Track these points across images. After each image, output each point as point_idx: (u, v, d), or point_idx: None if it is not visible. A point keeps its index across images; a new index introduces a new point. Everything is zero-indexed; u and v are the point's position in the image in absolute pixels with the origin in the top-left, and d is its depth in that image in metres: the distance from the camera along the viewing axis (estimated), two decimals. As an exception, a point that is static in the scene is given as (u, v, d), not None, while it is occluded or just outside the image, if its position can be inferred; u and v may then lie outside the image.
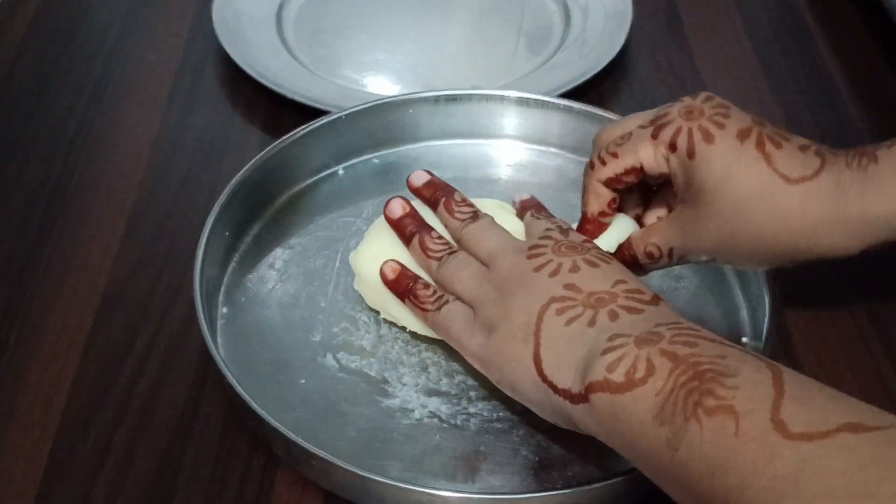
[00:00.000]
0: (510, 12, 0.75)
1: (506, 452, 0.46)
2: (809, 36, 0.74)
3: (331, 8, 0.75)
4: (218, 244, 0.53)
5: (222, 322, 0.51)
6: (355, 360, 0.50)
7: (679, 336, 0.36)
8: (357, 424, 0.47)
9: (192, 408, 0.49)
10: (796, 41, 0.73)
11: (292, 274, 0.54)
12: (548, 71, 0.68)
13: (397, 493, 0.42)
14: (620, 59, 0.69)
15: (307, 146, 0.58)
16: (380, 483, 0.42)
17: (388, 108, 0.61)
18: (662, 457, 0.34)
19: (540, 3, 0.76)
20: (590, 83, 0.66)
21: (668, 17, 0.76)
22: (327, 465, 0.43)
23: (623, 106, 0.67)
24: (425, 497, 0.42)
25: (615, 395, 0.36)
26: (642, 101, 0.68)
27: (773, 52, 0.72)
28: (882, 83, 0.70)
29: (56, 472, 0.46)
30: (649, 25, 0.74)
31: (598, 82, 0.68)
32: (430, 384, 0.49)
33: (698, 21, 0.75)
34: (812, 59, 0.71)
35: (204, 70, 0.70)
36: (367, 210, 0.58)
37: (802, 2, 0.77)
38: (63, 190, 0.61)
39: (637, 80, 0.70)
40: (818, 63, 0.71)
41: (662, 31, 0.74)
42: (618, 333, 0.38)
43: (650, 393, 0.35)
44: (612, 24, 0.71)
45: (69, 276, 0.55)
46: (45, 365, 0.51)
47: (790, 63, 0.71)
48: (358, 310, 0.52)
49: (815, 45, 0.73)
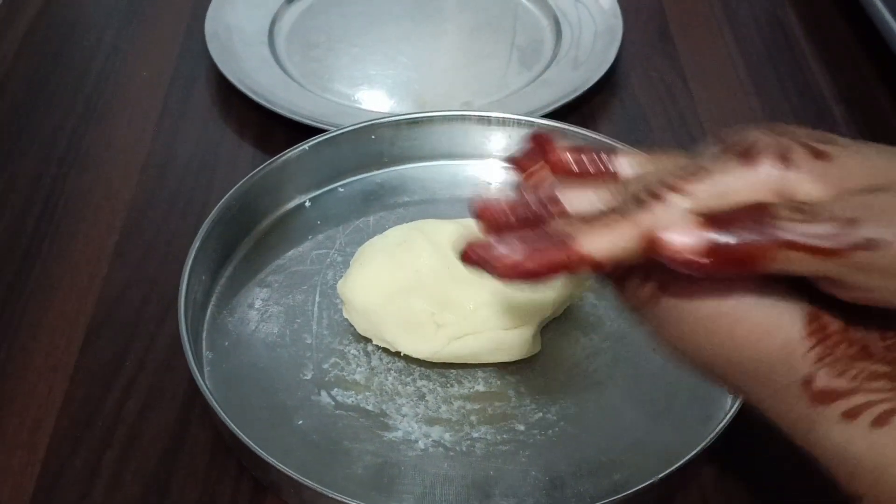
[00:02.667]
0: (502, 27, 0.75)
1: (516, 475, 0.46)
2: (800, 51, 0.74)
3: (323, 23, 0.75)
4: (196, 288, 0.52)
5: (208, 369, 0.50)
6: (351, 396, 0.49)
7: None
8: (363, 461, 0.47)
9: (180, 430, 0.49)
10: (786, 56, 0.73)
11: (273, 312, 0.53)
12: (539, 87, 0.68)
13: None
14: (611, 75, 0.69)
15: (273, 181, 0.58)
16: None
17: (351, 136, 0.60)
18: None
19: (532, 19, 0.76)
20: (581, 99, 0.66)
21: (658, 32, 0.76)
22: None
23: (615, 122, 0.67)
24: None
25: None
26: (634, 116, 0.68)
27: (764, 68, 0.72)
28: (872, 98, 0.70)
29: (44, 495, 0.46)
30: (640, 41, 0.74)
31: (590, 98, 0.68)
32: (430, 413, 0.49)
33: (689, 37, 0.75)
34: (802, 75, 0.72)
35: (195, 86, 0.70)
36: (339, 241, 0.57)
37: (792, 17, 0.77)
38: (52, 208, 0.61)
39: (628, 96, 0.70)
40: (808, 78, 0.71)
41: (653, 47, 0.74)
42: None
43: None
44: (603, 40, 0.71)
45: (58, 296, 0.55)
46: (33, 386, 0.51)
47: (780, 78, 0.71)
48: (346, 343, 0.52)
49: (805, 61, 0.73)
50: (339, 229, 0.58)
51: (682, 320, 0.32)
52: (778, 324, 0.32)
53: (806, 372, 0.31)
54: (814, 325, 0.32)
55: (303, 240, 0.57)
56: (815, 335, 0.31)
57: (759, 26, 0.76)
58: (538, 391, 0.50)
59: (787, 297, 0.32)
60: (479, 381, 0.50)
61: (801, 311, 0.32)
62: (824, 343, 0.31)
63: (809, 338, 0.31)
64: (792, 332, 0.31)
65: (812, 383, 0.31)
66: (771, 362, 0.32)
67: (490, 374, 0.50)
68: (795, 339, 0.31)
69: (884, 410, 0.30)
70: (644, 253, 0.31)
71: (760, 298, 0.32)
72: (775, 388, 0.32)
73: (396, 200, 0.60)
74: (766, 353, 0.32)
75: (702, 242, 0.30)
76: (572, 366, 0.51)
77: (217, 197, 0.55)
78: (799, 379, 0.31)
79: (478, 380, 0.50)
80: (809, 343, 0.31)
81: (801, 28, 0.76)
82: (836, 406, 0.31)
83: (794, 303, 0.32)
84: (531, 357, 0.51)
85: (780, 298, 0.32)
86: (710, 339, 0.32)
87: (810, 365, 0.31)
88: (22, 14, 0.76)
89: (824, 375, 0.31)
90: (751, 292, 0.32)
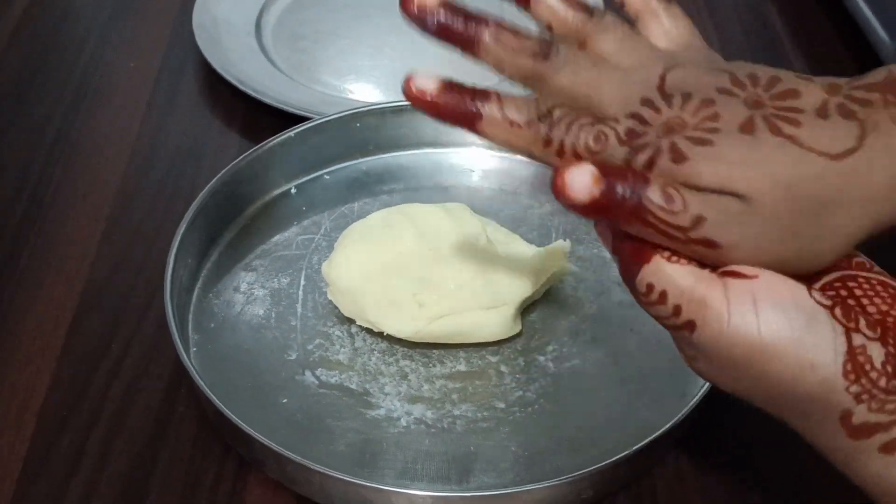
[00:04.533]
0: (487, 18, 0.76)
1: (495, 450, 0.47)
2: (780, 44, 0.74)
3: (310, 15, 0.76)
4: (182, 272, 0.53)
5: (194, 350, 0.51)
6: (335, 375, 0.50)
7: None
8: (346, 438, 0.47)
9: (166, 410, 0.50)
10: (767, 49, 0.74)
11: (258, 296, 0.54)
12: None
13: (401, 499, 0.43)
14: (594, 65, 0.70)
15: (259, 167, 0.58)
16: (385, 491, 0.43)
17: (336, 123, 0.61)
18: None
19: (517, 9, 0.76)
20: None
21: (641, 22, 0.76)
22: (328, 481, 0.43)
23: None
24: (428, 500, 0.43)
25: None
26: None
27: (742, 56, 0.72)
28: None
29: (31, 474, 0.47)
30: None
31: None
32: (412, 391, 0.49)
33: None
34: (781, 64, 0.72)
35: (183, 76, 0.71)
36: (324, 226, 0.58)
37: (773, 9, 0.78)
38: (41, 196, 0.61)
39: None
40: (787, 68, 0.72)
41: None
42: None
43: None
44: (586, 31, 0.72)
45: (46, 281, 0.56)
46: (21, 367, 0.52)
47: (759, 68, 0.72)
48: (330, 325, 0.52)
49: (785, 51, 0.74)
50: (325, 215, 0.59)
51: (717, 356, 0.32)
52: (813, 361, 0.31)
53: (845, 408, 0.31)
54: (855, 361, 0.31)
55: (288, 225, 0.58)
56: (854, 372, 0.31)
57: (740, 16, 0.77)
58: (518, 370, 0.50)
59: (826, 324, 0.31)
60: (461, 361, 0.51)
61: (841, 348, 0.31)
62: (864, 378, 0.31)
63: (849, 375, 0.31)
64: (829, 368, 0.31)
65: (851, 418, 0.31)
66: (807, 399, 0.32)
67: (471, 353, 0.51)
68: (833, 375, 0.31)
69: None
70: (538, 159, 0.35)
71: (797, 331, 0.31)
72: (814, 420, 0.32)
73: (381, 188, 0.61)
74: (802, 391, 0.31)
75: (586, 193, 0.31)
76: (552, 346, 0.52)
77: (204, 184, 0.56)
78: (837, 414, 0.31)
79: (459, 360, 0.51)
80: (849, 381, 0.31)
81: (781, 18, 0.77)
82: (874, 440, 0.31)
83: (830, 335, 0.31)
84: (512, 337, 0.52)
85: (818, 326, 0.31)
86: (745, 375, 0.32)
87: (850, 401, 0.31)
88: (12, 4, 0.76)
89: (863, 411, 0.31)
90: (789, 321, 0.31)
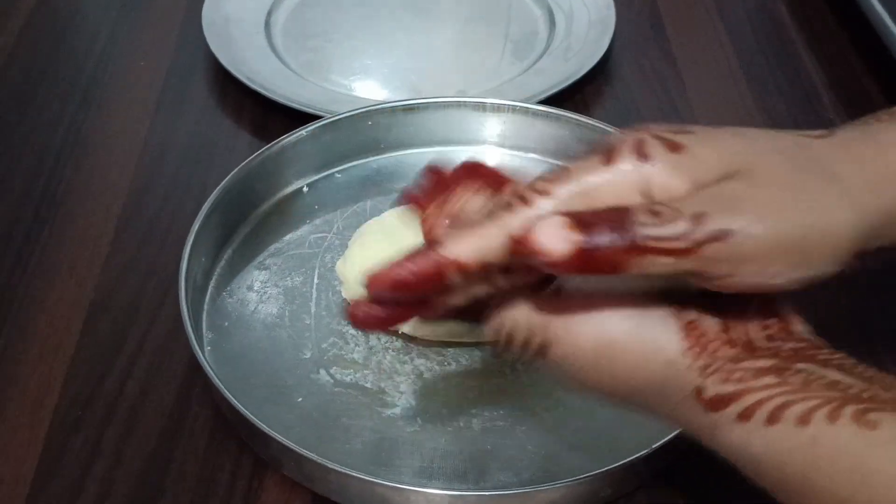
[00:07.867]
0: (496, 18, 0.76)
1: (512, 449, 0.47)
2: (790, 40, 0.75)
3: (319, 13, 0.76)
4: (196, 270, 0.52)
5: (209, 349, 0.51)
6: (350, 374, 0.50)
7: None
8: (362, 437, 0.47)
9: (180, 409, 0.49)
10: (777, 46, 0.74)
11: (272, 294, 0.54)
12: (533, 75, 0.69)
13: (419, 498, 0.43)
14: (604, 64, 0.70)
15: (271, 166, 0.58)
16: (403, 490, 0.43)
17: (348, 122, 0.60)
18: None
19: (525, 9, 0.77)
20: (574, 88, 0.67)
21: (651, 22, 0.76)
22: (347, 480, 0.43)
23: (607, 109, 0.68)
24: (446, 500, 0.43)
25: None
26: (626, 105, 0.69)
27: (755, 57, 0.73)
28: (862, 88, 0.71)
29: (46, 473, 0.47)
30: (632, 31, 0.75)
31: (582, 87, 0.68)
32: (428, 390, 0.49)
33: (681, 27, 0.76)
34: (793, 64, 0.72)
35: (193, 75, 0.71)
36: (336, 225, 0.58)
37: (783, 7, 0.78)
38: (52, 194, 0.61)
39: (621, 84, 0.71)
40: (799, 67, 0.72)
41: (645, 37, 0.75)
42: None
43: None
44: (595, 30, 0.72)
45: (58, 280, 0.56)
46: (34, 367, 0.51)
47: (771, 67, 0.72)
48: (344, 324, 0.52)
49: (796, 50, 0.74)
50: (337, 214, 0.59)
51: (572, 364, 0.33)
52: (654, 347, 0.32)
53: (695, 384, 0.32)
54: (691, 337, 0.32)
55: (301, 224, 0.58)
56: (694, 347, 0.32)
57: (750, 16, 0.78)
58: (534, 368, 0.50)
59: (659, 315, 0.32)
60: (477, 360, 0.51)
61: (676, 326, 0.32)
62: (705, 352, 0.32)
63: (689, 351, 0.32)
64: (670, 350, 0.32)
65: (702, 393, 0.31)
66: (660, 383, 0.32)
67: (487, 352, 0.51)
68: (676, 355, 0.32)
69: (775, 406, 0.30)
70: (512, 253, 0.32)
71: (634, 326, 0.32)
72: (673, 403, 0.33)
73: (393, 186, 0.61)
74: (652, 377, 0.32)
75: (565, 243, 0.30)
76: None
77: (214, 183, 0.56)
78: (690, 391, 0.32)
79: (475, 358, 0.51)
80: (691, 356, 0.32)
81: (792, 18, 0.77)
82: (730, 410, 0.31)
83: (667, 319, 0.32)
84: (527, 336, 0.51)
85: (652, 319, 0.32)
86: (601, 374, 0.33)
87: (696, 376, 0.32)
88: (21, 3, 0.76)
89: (712, 383, 0.31)
90: (623, 320, 0.32)
